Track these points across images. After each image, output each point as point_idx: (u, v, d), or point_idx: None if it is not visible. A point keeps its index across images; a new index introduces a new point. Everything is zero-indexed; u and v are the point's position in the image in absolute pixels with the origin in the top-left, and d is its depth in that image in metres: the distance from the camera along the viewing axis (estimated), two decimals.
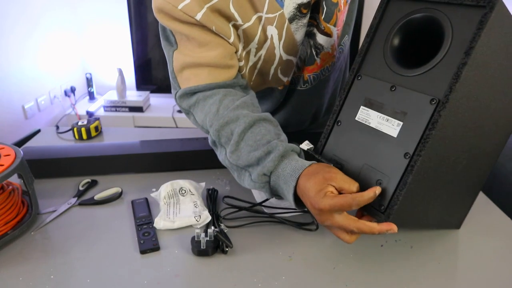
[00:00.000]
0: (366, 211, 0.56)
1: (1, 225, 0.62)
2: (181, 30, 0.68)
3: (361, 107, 0.59)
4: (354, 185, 0.54)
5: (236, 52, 0.72)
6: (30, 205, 0.69)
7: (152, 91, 2.65)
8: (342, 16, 0.80)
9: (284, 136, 0.66)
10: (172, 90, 0.75)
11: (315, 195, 0.53)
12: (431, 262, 0.61)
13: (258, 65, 0.78)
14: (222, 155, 0.67)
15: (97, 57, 2.69)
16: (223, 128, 0.65)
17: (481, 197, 0.77)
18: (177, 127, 2.47)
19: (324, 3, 0.74)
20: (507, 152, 0.85)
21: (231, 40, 0.69)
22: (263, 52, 0.75)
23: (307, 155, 0.64)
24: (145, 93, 2.59)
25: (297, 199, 0.59)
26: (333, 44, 0.82)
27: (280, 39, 0.74)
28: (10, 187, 0.68)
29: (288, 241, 0.64)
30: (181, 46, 0.71)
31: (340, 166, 0.60)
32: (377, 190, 0.53)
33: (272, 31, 0.72)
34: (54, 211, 0.71)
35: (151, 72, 2.61)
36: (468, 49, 0.49)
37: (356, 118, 0.59)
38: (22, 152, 0.66)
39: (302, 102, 0.89)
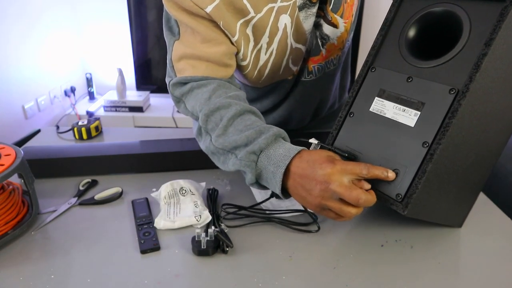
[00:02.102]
0: (382, 201, 0.56)
1: (1, 224, 0.62)
2: (187, 22, 0.68)
3: (376, 98, 0.60)
4: (378, 171, 0.54)
5: (237, 54, 0.73)
6: (31, 205, 0.69)
7: (152, 91, 2.65)
8: (350, 10, 0.81)
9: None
10: (167, 78, 0.75)
11: (324, 162, 0.54)
12: (431, 262, 0.61)
13: (270, 61, 0.78)
14: (206, 142, 0.66)
15: (97, 57, 2.69)
16: (213, 114, 0.65)
17: (481, 197, 0.77)
18: (177, 127, 2.47)
19: None
20: (507, 152, 0.85)
21: (235, 38, 0.70)
22: (274, 46, 0.75)
23: None
24: (145, 93, 2.59)
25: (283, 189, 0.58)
26: (340, 36, 0.83)
27: (292, 28, 0.74)
28: (11, 187, 0.68)
29: (288, 241, 0.64)
30: (183, 38, 0.71)
31: (354, 157, 0.60)
32: (389, 173, 0.54)
33: (285, 19, 0.72)
34: (55, 211, 0.71)
35: (151, 72, 2.61)
36: (489, 40, 0.50)
37: (371, 109, 0.60)
38: (22, 152, 0.66)
39: (305, 94, 0.89)
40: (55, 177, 0.82)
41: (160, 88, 2.66)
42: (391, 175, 0.54)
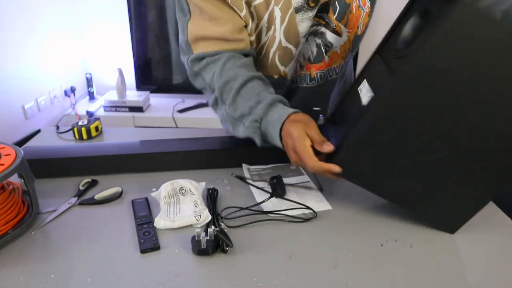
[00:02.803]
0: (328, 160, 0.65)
1: (1, 224, 0.62)
2: (196, 2, 0.74)
3: (365, 79, 0.67)
4: (322, 144, 0.64)
5: (246, 27, 0.77)
6: (31, 204, 0.69)
7: (152, 91, 2.65)
8: (356, 21, 0.83)
9: (272, 90, 0.76)
10: (183, 57, 0.82)
11: (297, 138, 0.65)
12: (431, 262, 0.61)
13: (265, 47, 0.82)
14: (222, 111, 0.77)
15: (97, 57, 2.69)
16: (225, 86, 0.74)
17: None
18: (177, 127, 2.47)
19: (337, 2, 0.79)
20: None
21: (243, 13, 0.75)
22: (270, 33, 0.80)
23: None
24: (145, 93, 2.59)
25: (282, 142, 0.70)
26: (343, 45, 0.85)
27: (282, 23, 0.78)
28: (11, 186, 0.68)
29: (288, 241, 0.64)
30: (193, 17, 0.77)
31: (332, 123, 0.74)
32: (326, 146, 0.64)
33: (276, 12, 0.77)
34: (55, 210, 0.71)
35: (151, 72, 2.61)
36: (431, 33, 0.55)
37: (358, 88, 0.67)
38: (22, 152, 0.66)
39: (306, 100, 0.90)
40: (55, 177, 0.82)
41: (160, 88, 2.66)
42: (325, 147, 0.64)
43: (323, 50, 0.84)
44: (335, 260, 0.60)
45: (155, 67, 2.58)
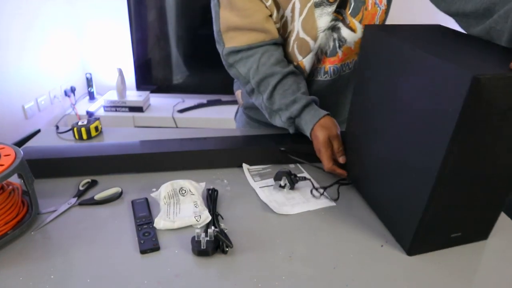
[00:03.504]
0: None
1: (1, 225, 0.62)
2: None
3: None
4: (338, 154, 0.80)
5: (271, 16, 0.83)
6: (30, 205, 0.69)
7: (152, 91, 2.66)
8: (371, 18, 0.86)
9: (304, 84, 0.87)
10: (218, 46, 0.89)
11: (322, 143, 0.79)
12: (431, 262, 0.61)
13: (287, 35, 0.87)
14: (259, 100, 0.88)
15: (97, 57, 2.69)
16: (262, 81, 0.85)
17: None
18: (177, 127, 2.47)
19: None
20: None
21: (268, 3, 0.81)
22: (294, 24, 0.84)
23: None
24: (145, 93, 2.59)
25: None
26: (357, 41, 0.88)
27: (300, 15, 0.83)
28: (10, 187, 0.68)
29: (288, 241, 0.64)
30: (222, 7, 0.83)
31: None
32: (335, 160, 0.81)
33: (296, 4, 0.82)
34: (54, 211, 0.71)
35: (151, 72, 2.61)
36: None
37: None
38: (22, 152, 0.66)
39: (320, 94, 0.92)
40: (55, 177, 0.82)
41: (160, 88, 2.66)
42: (341, 158, 0.80)
43: (337, 45, 0.87)
44: (335, 261, 0.60)
45: (155, 67, 2.58)
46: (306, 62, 0.88)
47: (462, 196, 0.57)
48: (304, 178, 0.79)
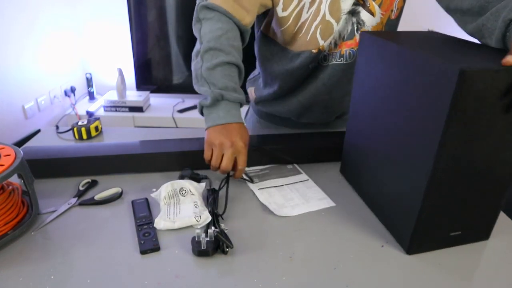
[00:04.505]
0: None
1: (1, 225, 0.62)
2: None
3: None
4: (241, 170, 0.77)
5: (277, 6, 0.84)
6: (30, 205, 0.69)
7: (152, 91, 2.65)
8: (390, 4, 0.87)
9: (239, 84, 0.82)
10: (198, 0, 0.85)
11: (237, 146, 0.74)
12: (431, 262, 0.61)
13: (307, 23, 0.86)
14: (197, 65, 0.81)
15: (97, 57, 2.69)
16: (213, 51, 0.79)
17: None
18: (177, 127, 2.47)
19: None
20: None
21: None
22: (313, 8, 0.84)
23: None
24: (145, 93, 2.59)
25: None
26: (375, 26, 0.89)
27: None
28: (10, 187, 0.68)
29: (288, 241, 0.64)
30: None
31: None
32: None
33: None
34: (54, 211, 0.71)
35: (151, 72, 2.61)
36: None
37: None
38: (22, 152, 0.66)
39: (334, 78, 0.93)
40: (55, 177, 0.82)
41: (160, 88, 2.66)
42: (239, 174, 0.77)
43: (355, 28, 0.88)
44: (335, 261, 0.60)
45: (155, 67, 2.58)
46: (326, 45, 0.90)
47: (459, 193, 0.57)
48: (206, 177, 0.80)
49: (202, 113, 0.81)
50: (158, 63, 2.57)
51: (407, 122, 0.59)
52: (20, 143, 0.98)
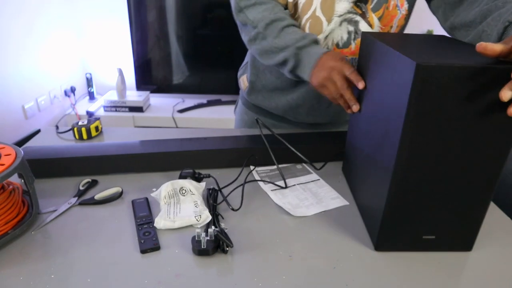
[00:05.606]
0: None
1: (1, 224, 0.62)
2: None
3: None
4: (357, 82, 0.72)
5: None
6: (31, 204, 0.69)
7: (152, 91, 2.66)
8: (390, 19, 0.87)
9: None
10: None
11: (341, 62, 0.75)
12: (431, 262, 0.61)
13: (300, 14, 0.88)
14: (263, 43, 0.86)
15: (97, 57, 2.69)
16: (272, 23, 0.84)
17: None
18: (177, 127, 2.47)
19: None
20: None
21: None
22: (314, 0, 0.86)
23: None
24: (145, 93, 2.59)
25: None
26: None
27: None
28: (11, 186, 0.68)
29: (288, 241, 0.65)
30: None
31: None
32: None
33: None
34: (55, 210, 0.71)
35: (151, 72, 2.61)
36: None
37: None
38: (22, 152, 0.66)
39: None
40: (55, 177, 0.82)
41: (160, 88, 2.66)
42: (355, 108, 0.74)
43: (352, 37, 0.88)
44: (335, 261, 0.60)
45: (155, 67, 2.59)
46: None
47: (428, 194, 0.56)
48: (209, 176, 0.79)
49: (296, 76, 0.84)
50: (158, 63, 2.57)
51: (382, 121, 0.60)
52: (20, 143, 0.98)
